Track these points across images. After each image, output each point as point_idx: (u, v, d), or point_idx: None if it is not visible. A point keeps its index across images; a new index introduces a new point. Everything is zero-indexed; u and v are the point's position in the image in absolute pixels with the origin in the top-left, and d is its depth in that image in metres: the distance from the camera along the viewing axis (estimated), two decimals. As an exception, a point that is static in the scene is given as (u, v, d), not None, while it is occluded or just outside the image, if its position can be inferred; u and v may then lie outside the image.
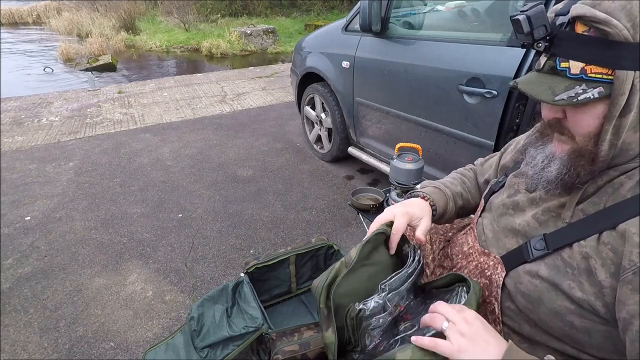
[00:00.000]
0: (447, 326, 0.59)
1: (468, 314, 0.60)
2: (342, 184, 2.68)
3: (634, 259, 0.52)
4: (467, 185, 0.98)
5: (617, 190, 0.58)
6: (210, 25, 10.27)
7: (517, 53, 1.46)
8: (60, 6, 12.30)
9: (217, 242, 2.09)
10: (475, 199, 0.97)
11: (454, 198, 0.92)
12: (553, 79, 0.58)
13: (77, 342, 1.52)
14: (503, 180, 0.82)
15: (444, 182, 0.96)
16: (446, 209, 0.89)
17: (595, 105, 0.56)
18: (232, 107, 4.33)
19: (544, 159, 0.65)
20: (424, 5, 2.35)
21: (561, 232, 0.63)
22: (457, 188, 0.95)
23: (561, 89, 0.56)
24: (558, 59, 0.57)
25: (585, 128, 0.58)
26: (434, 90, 1.81)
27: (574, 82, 0.56)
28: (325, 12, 12.18)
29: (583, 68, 0.55)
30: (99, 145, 3.32)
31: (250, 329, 1.26)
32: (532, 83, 0.60)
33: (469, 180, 0.99)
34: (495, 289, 0.71)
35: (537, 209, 0.68)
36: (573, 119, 0.59)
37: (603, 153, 0.57)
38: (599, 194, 0.60)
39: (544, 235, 0.64)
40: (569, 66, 0.56)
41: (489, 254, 0.74)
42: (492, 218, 0.78)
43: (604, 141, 0.57)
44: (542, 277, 0.63)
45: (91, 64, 7.13)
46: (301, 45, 2.95)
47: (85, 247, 2.06)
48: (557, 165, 0.62)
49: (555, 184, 0.62)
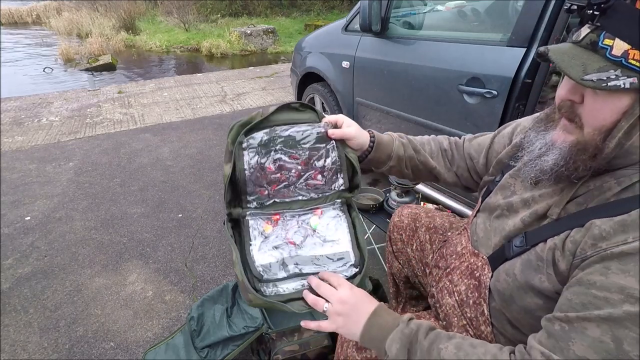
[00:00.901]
0: (327, 308, 0.68)
1: (342, 292, 0.67)
2: (342, 184, 2.67)
3: (585, 249, 0.53)
4: (432, 148, 0.93)
5: (603, 194, 0.57)
6: (210, 25, 10.27)
7: (517, 53, 1.46)
8: (60, 6, 12.29)
9: (217, 242, 2.09)
10: (432, 165, 0.90)
11: (403, 146, 0.88)
12: (589, 56, 0.53)
13: (77, 342, 1.52)
14: (499, 179, 0.81)
15: (403, 135, 0.93)
16: (386, 146, 0.85)
17: (620, 97, 0.51)
18: (232, 107, 4.33)
19: (542, 146, 0.62)
20: (424, 5, 2.35)
21: (541, 230, 0.62)
22: (414, 144, 0.91)
23: (594, 69, 0.51)
24: (603, 34, 0.51)
25: (600, 120, 0.54)
26: (434, 90, 1.81)
27: (610, 65, 0.50)
28: (325, 12, 12.17)
29: (627, 51, 0.49)
30: (99, 145, 3.32)
31: (250, 329, 1.27)
32: (565, 54, 0.54)
33: (436, 145, 0.94)
34: (483, 290, 0.71)
35: (527, 211, 0.67)
36: (591, 106, 0.54)
37: (608, 150, 0.54)
38: (585, 196, 0.59)
39: (525, 233, 0.65)
40: (612, 45, 0.50)
41: (478, 255, 0.74)
42: (486, 218, 0.78)
43: (613, 138, 0.53)
44: (516, 274, 0.63)
45: (91, 64, 7.12)
46: (301, 45, 2.95)
47: (85, 247, 2.06)
48: (554, 156, 0.59)
49: (549, 175, 0.60)
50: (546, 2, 1.38)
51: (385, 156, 0.86)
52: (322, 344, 1.28)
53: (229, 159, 0.74)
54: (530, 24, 1.42)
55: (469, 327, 0.75)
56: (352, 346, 0.84)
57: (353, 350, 0.84)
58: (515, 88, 1.47)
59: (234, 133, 0.75)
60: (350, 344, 0.85)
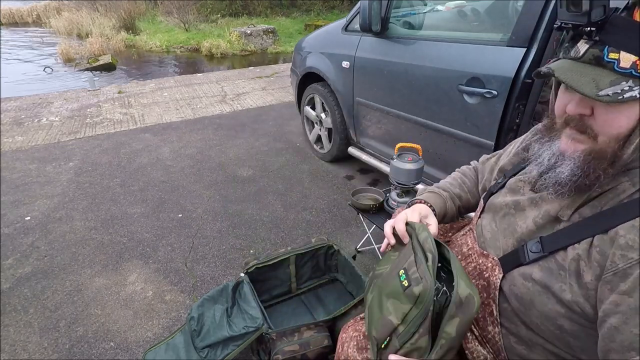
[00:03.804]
0: None
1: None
2: (342, 184, 2.67)
3: (615, 261, 0.52)
4: (467, 186, 0.98)
5: (618, 196, 0.56)
6: (210, 25, 10.27)
7: (517, 53, 1.46)
8: (60, 6, 12.29)
9: (217, 242, 2.09)
10: (476, 197, 0.97)
11: (451, 198, 0.93)
12: (596, 71, 0.52)
13: (77, 342, 1.52)
14: (502, 182, 0.81)
15: (441, 185, 0.97)
16: (445, 209, 0.90)
17: (635, 106, 0.51)
18: (232, 107, 4.33)
19: (550, 157, 0.61)
20: (424, 5, 2.35)
21: (557, 235, 0.61)
22: (455, 190, 0.96)
23: (606, 84, 0.51)
24: (607, 49, 0.51)
25: (616, 129, 0.53)
26: (434, 90, 1.81)
27: (621, 77, 0.50)
28: (325, 12, 12.18)
29: (635, 62, 0.49)
30: (99, 145, 3.32)
31: (250, 329, 1.27)
32: (571, 72, 0.54)
33: (469, 180, 0.99)
34: (493, 290, 0.70)
35: (538, 211, 0.66)
36: (604, 117, 0.54)
37: (626, 156, 0.53)
38: (599, 198, 0.58)
39: (541, 238, 0.63)
40: (618, 58, 0.50)
41: (488, 256, 0.74)
42: (491, 219, 0.77)
43: (632, 144, 0.53)
44: (535, 279, 0.62)
45: (91, 64, 7.12)
46: (301, 45, 2.95)
47: (85, 247, 2.06)
48: (569, 166, 0.58)
49: (568, 186, 0.58)
50: (546, 2, 1.38)
51: (446, 221, 0.95)
52: (322, 344, 1.28)
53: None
54: (530, 24, 1.42)
55: (474, 327, 0.75)
56: (353, 346, 0.84)
57: (353, 350, 0.84)
58: (515, 88, 1.47)
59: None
60: (350, 344, 0.85)
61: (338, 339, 0.91)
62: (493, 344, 0.73)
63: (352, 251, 2.00)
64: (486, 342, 0.74)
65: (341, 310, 1.34)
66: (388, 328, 0.67)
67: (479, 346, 0.75)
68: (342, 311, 1.34)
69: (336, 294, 1.65)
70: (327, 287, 1.69)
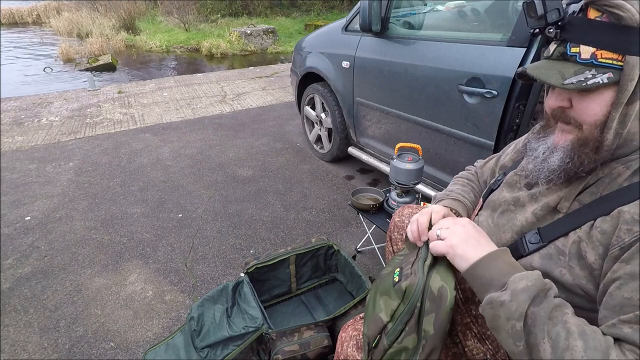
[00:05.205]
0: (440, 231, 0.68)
1: (461, 220, 0.68)
2: (342, 184, 2.67)
3: (621, 235, 0.53)
4: (477, 192, 0.99)
5: (615, 180, 0.59)
6: (210, 25, 10.27)
7: (517, 53, 1.46)
8: (60, 6, 12.29)
9: (217, 242, 2.09)
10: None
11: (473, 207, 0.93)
12: (563, 65, 0.58)
13: (77, 342, 1.52)
14: (501, 179, 0.82)
15: (459, 192, 0.95)
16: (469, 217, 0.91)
17: (603, 92, 0.56)
18: (232, 107, 4.33)
19: (545, 150, 0.65)
20: (424, 5, 2.35)
21: (556, 224, 0.63)
22: (471, 195, 0.96)
23: (570, 73, 0.57)
24: (569, 45, 0.58)
25: (592, 116, 0.58)
26: (434, 90, 1.81)
27: (584, 67, 0.56)
28: (325, 12, 12.18)
29: (594, 53, 0.55)
30: (99, 145, 3.32)
31: (250, 329, 1.27)
32: (540, 68, 0.60)
33: (477, 186, 1.00)
34: None
35: (537, 205, 0.68)
36: (580, 106, 0.59)
37: (608, 142, 0.58)
38: (596, 184, 0.61)
39: (538, 229, 0.65)
40: (579, 51, 0.57)
41: None
42: (489, 215, 0.78)
43: (610, 129, 0.57)
44: (535, 268, 0.63)
45: (91, 64, 7.12)
46: (301, 45, 2.95)
47: (85, 247, 2.06)
48: (559, 155, 0.62)
49: (558, 173, 0.62)
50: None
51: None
52: (322, 344, 1.28)
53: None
54: (530, 24, 1.42)
55: (473, 325, 0.76)
56: (352, 346, 0.84)
57: (353, 350, 0.84)
58: (515, 88, 1.47)
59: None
60: (350, 343, 0.85)
61: (338, 339, 0.91)
62: (492, 341, 0.74)
63: (352, 251, 2.00)
64: (485, 339, 0.75)
65: (341, 310, 1.35)
66: (378, 326, 0.68)
67: (478, 343, 0.75)
68: (342, 311, 1.34)
69: (336, 294, 1.65)
70: (327, 287, 1.69)
